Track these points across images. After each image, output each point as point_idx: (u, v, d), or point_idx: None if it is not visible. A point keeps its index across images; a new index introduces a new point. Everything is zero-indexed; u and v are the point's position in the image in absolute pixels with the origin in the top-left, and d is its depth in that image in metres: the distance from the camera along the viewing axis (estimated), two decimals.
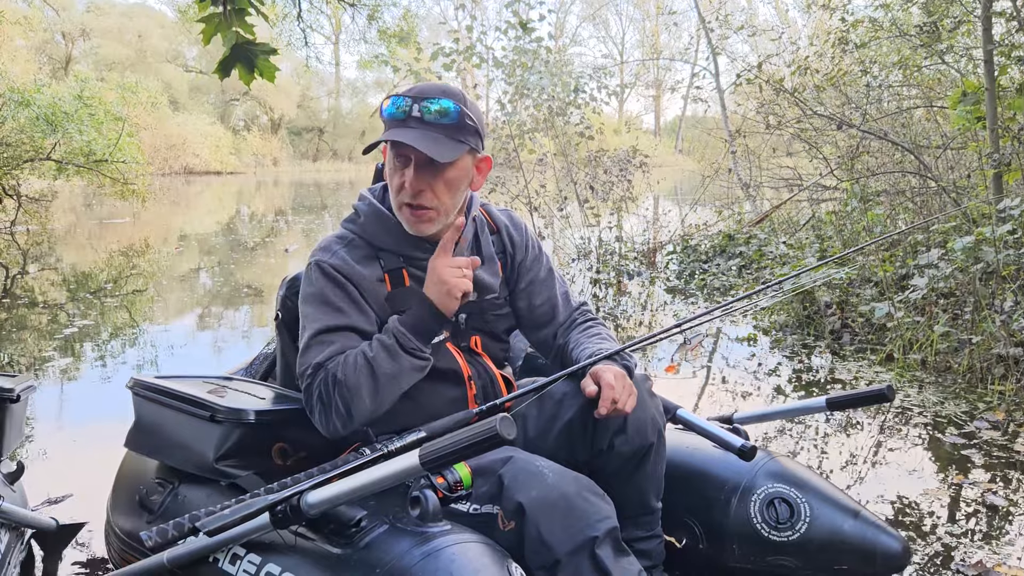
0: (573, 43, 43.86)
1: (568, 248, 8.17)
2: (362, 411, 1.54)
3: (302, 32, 21.03)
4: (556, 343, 1.85)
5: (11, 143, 10.81)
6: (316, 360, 1.56)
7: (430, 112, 1.55)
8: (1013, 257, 3.78)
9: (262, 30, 2.60)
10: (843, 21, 6.87)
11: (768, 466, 1.79)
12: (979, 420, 3.19)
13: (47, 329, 5.29)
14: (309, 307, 1.63)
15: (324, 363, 1.56)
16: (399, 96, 1.58)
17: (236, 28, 2.34)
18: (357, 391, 1.52)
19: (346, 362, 1.54)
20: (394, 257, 1.66)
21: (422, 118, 1.55)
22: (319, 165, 42.08)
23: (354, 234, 1.69)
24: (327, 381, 1.54)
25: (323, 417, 1.56)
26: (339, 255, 1.64)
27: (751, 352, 4.49)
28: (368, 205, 1.70)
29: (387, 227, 1.67)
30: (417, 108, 1.55)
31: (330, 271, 1.62)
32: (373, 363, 1.52)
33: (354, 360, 1.53)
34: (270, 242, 11.05)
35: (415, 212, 1.60)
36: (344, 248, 1.66)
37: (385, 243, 1.66)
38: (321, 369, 1.55)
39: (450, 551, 1.28)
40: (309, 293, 1.64)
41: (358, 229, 1.69)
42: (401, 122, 1.56)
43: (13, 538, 1.82)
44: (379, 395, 1.53)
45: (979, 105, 4.67)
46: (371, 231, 1.67)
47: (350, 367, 1.53)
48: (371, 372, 1.52)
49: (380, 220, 1.68)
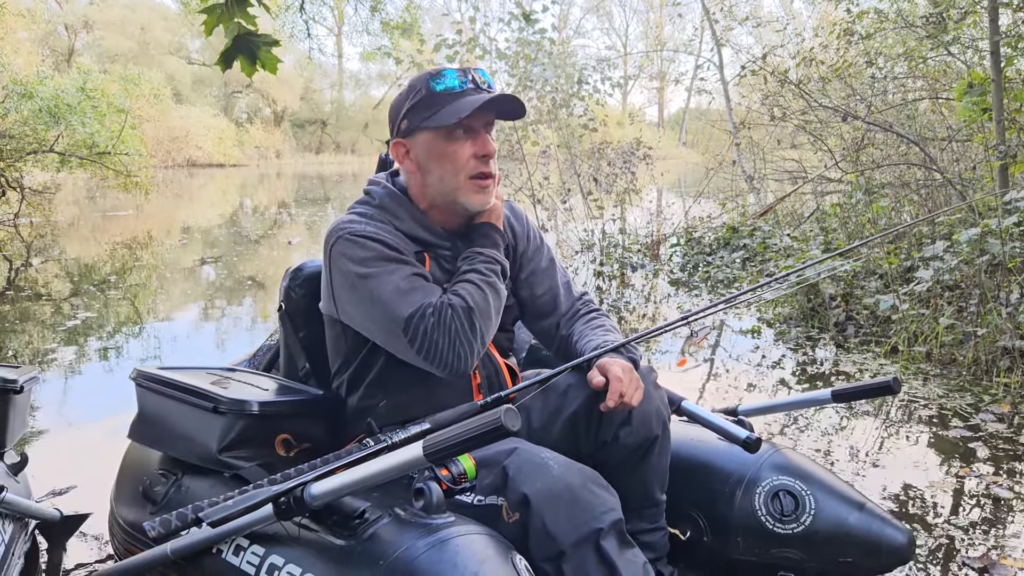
0: (577, 35, 43.77)
1: (572, 241, 8.15)
2: (491, 333, 1.59)
3: (305, 24, 21.03)
4: (559, 333, 1.84)
5: (14, 135, 10.81)
6: (422, 300, 1.53)
7: (483, 80, 1.60)
8: (1019, 249, 3.77)
9: (264, 22, 2.59)
10: (848, 12, 6.84)
11: (773, 458, 1.79)
12: (984, 412, 3.18)
13: (51, 321, 5.30)
14: (372, 267, 1.56)
15: (434, 301, 1.53)
16: (450, 70, 1.59)
17: (238, 19, 2.33)
18: (488, 314, 1.56)
19: (465, 293, 1.54)
20: (409, 242, 1.65)
21: (478, 87, 1.58)
22: (322, 158, 42.05)
23: (372, 212, 1.66)
24: (458, 312, 1.51)
25: (452, 351, 1.52)
26: (371, 224, 1.61)
27: (755, 344, 4.48)
28: (383, 188, 1.69)
29: (404, 210, 1.65)
30: (472, 78, 1.58)
31: (373, 236, 1.58)
32: (495, 286, 1.58)
33: (473, 289, 1.55)
34: (273, 234, 11.05)
35: (484, 181, 1.62)
36: (369, 221, 1.63)
37: (402, 226, 1.65)
38: (443, 305, 1.52)
39: (454, 543, 1.27)
40: (364, 257, 1.56)
41: (374, 211, 1.66)
42: (465, 93, 1.57)
43: (17, 529, 1.82)
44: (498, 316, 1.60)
45: (985, 96, 4.64)
46: (388, 213, 1.65)
47: (474, 296, 1.54)
48: (496, 293, 1.58)
49: (397, 202, 1.66)
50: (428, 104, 1.58)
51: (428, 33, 11.90)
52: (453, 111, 1.55)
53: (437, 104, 1.57)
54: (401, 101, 1.64)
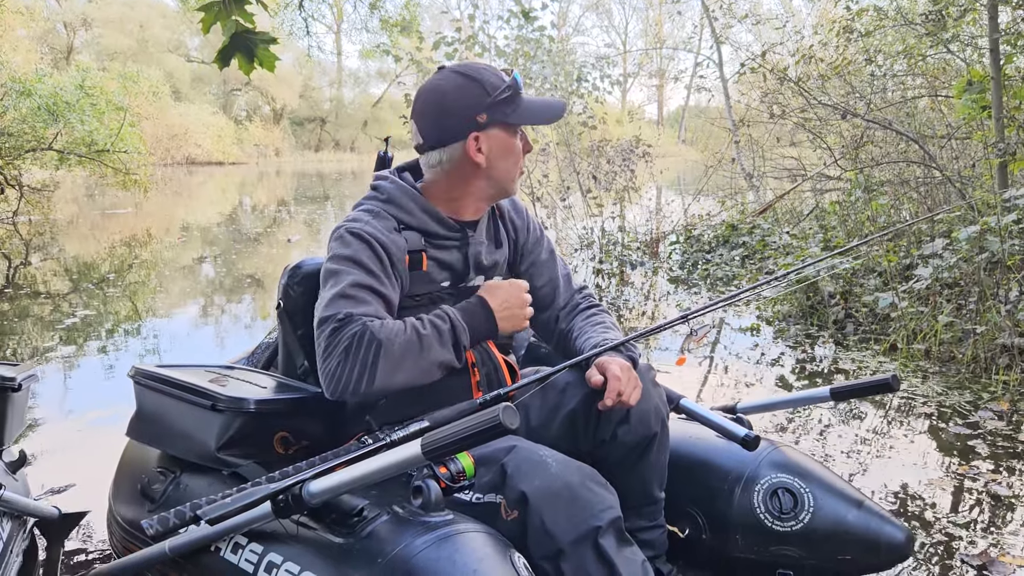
0: (576, 32, 43.71)
1: (571, 238, 8.15)
2: (384, 382, 1.47)
3: (304, 21, 20.99)
4: (558, 327, 1.84)
5: (13, 133, 10.81)
6: (350, 310, 1.49)
7: None
8: (1018, 247, 3.76)
9: (263, 19, 2.59)
10: (848, 9, 6.82)
11: (772, 456, 1.78)
12: (983, 410, 3.18)
13: (50, 319, 5.30)
14: (342, 265, 1.56)
15: (359, 316, 1.49)
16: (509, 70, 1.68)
17: (236, 17, 2.32)
18: (395, 360, 1.47)
19: (390, 327, 1.49)
20: (417, 236, 1.65)
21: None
22: (321, 155, 42.03)
23: (379, 208, 1.66)
24: (362, 336, 1.46)
25: (339, 369, 1.47)
26: (371, 224, 1.62)
27: (754, 342, 4.48)
28: (391, 182, 1.69)
29: (414, 202, 1.66)
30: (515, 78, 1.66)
31: (365, 236, 1.58)
32: (423, 341, 1.49)
33: (402, 329, 1.49)
34: (272, 232, 11.05)
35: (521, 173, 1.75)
36: (373, 219, 1.63)
37: (411, 219, 1.65)
38: (356, 321, 1.47)
39: (453, 540, 1.27)
40: (342, 255, 1.58)
41: (382, 206, 1.67)
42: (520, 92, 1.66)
43: (15, 527, 1.82)
44: (410, 374, 1.49)
45: (984, 94, 4.64)
46: (396, 206, 1.66)
47: (395, 333, 1.48)
48: (419, 349, 1.49)
49: (406, 195, 1.66)
50: (510, 101, 1.63)
51: (427, 31, 11.87)
52: (530, 111, 1.67)
53: (517, 101, 1.64)
54: (474, 95, 1.62)
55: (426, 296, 1.65)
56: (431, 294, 1.66)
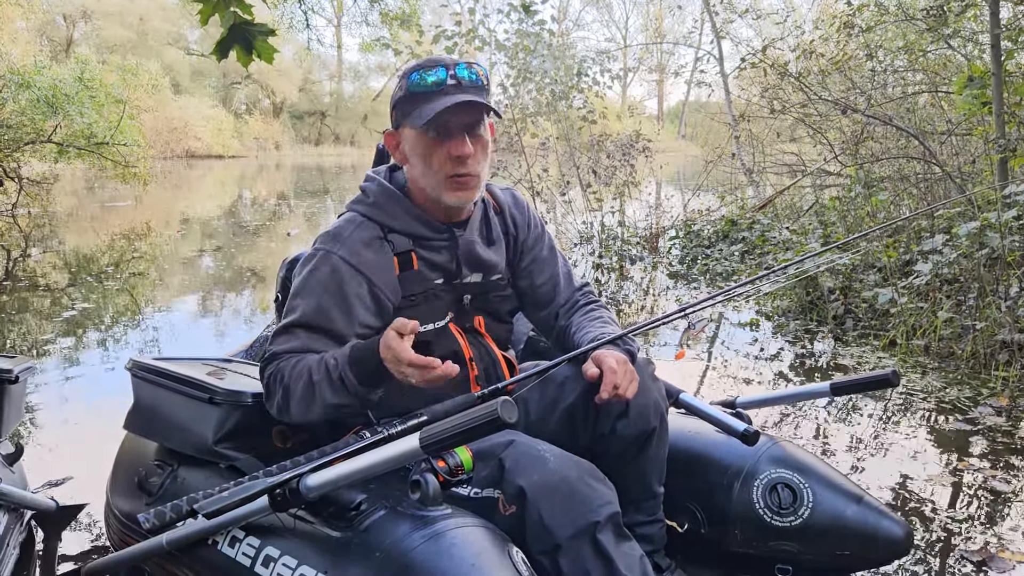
0: (576, 27, 43.64)
1: (570, 233, 8.14)
2: (302, 418, 1.55)
3: (303, 14, 20.95)
4: (558, 324, 1.84)
5: (12, 125, 10.78)
6: (275, 350, 1.56)
7: (467, 77, 1.54)
8: (1018, 243, 3.76)
9: (262, 12, 2.58)
10: (849, 5, 6.80)
11: (771, 451, 1.78)
12: (983, 406, 3.18)
13: (48, 312, 5.29)
14: (298, 295, 1.59)
15: (280, 356, 1.55)
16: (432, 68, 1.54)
17: (234, 8, 2.32)
18: (300, 401, 1.51)
19: (295, 368, 1.52)
20: (404, 239, 1.64)
21: (460, 84, 1.54)
22: (321, 149, 42.01)
23: (363, 216, 1.65)
24: (275, 376, 1.54)
25: (267, 402, 1.58)
26: (348, 244, 1.60)
27: (754, 337, 4.47)
28: (378, 185, 1.68)
29: (398, 206, 1.65)
30: (453, 75, 1.53)
31: (335, 261, 1.58)
32: (316, 387, 1.49)
33: (300, 372, 1.51)
34: (272, 226, 11.04)
35: (463, 180, 1.57)
36: (355, 231, 1.62)
37: (396, 223, 1.64)
38: (276, 361, 1.55)
39: (450, 535, 1.27)
40: (305, 281, 1.59)
41: (367, 210, 1.66)
42: (441, 92, 1.53)
43: (12, 519, 1.82)
44: (319, 412, 1.53)
45: (985, 90, 4.63)
46: (381, 211, 1.65)
47: (296, 377, 1.51)
48: (313, 394, 1.50)
49: (391, 199, 1.65)
50: (407, 102, 1.57)
51: (427, 24, 11.86)
52: (422, 114, 1.52)
53: (414, 103, 1.55)
54: (395, 92, 1.63)
55: (421, 295, 1.64)
56: (426, 292, 1.65)
